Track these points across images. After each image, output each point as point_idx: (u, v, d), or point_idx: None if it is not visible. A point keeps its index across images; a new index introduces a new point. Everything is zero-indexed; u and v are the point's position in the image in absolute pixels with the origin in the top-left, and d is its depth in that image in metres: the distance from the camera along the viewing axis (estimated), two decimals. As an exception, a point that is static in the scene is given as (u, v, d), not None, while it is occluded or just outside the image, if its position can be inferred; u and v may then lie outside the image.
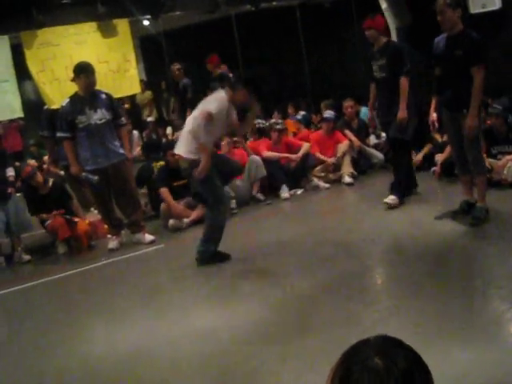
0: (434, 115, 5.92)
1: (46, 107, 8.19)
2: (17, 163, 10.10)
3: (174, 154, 7.33)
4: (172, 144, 7.91)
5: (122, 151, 6.67)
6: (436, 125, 6.13)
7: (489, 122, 7.32)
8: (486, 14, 10.60)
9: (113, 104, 6.70)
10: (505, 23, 10.69)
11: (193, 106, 10.04)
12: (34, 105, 10.68)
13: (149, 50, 12.51)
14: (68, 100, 6.54)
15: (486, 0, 10.58)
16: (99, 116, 6.47)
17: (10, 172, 7.20)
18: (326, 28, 12.35)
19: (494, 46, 10.87)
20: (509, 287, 4.09)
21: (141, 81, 11.51)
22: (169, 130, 11.73)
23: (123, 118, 6.83)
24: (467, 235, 5.43)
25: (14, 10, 8.24)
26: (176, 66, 10.59)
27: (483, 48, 5.34)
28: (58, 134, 6.66)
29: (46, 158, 11.10)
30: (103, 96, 6.60)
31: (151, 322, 4.49)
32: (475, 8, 10.70)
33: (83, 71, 6.46)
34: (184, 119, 9.48)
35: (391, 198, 6.52)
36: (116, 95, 7.24)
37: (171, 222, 7.18)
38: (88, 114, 6.42)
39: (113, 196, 6.78)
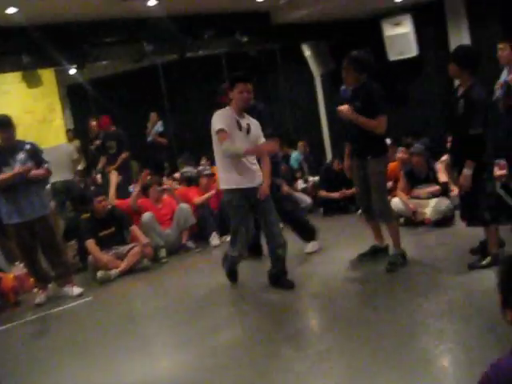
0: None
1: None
2: None
3: (101, 201, 7.33)
4: (99, 191, 7.88)
5: (45, 204, 6.57)
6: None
7: (412, 161, 7.60)
8: (404, 61, 11.09)
9: (36, 153, 6.52)
10: (422, 69, 11.20)
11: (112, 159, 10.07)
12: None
13: (76, 98, 12.44)
14: None
15: (403, 48, 11.07)
16: (21, 167, 6.31)
17: None
18: (251, 76, 12.59)
19: (413, 90, 11.38)
20: (434, 325, 4.22)
21: (68, 130, 11.42)
22: (99, 177, 11.60)
23: (47, 165, 6.61)
24: (390, 277, 5.57)
25: None
26: (93, 122, 10.56)
27: (381, 99, 5.56)
28: None
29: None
30: (27, 147, 6.46)
31: (80, 379, 4.38)
32: (393, 55, 11.18)
33: (1, 127, 6.31)
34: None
35: (310, 246, 6.70)
36: (42, 146, 7.13)
37: (99, 273, 7.07)
38: (12, 166, 6.29)
39: (39, 249, 6.64)
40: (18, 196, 6.32)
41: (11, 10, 7.28)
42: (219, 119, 5.26)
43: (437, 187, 7.37)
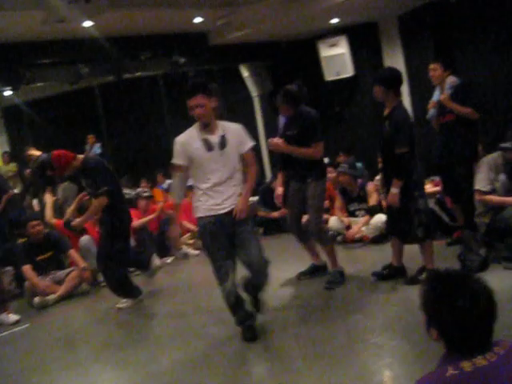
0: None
1: None
2: None
3: (35, 226, 7.19)
4: (33, 215, 7.73)
5: None
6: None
7: (339, 180, 7.76)
8: (340, 81, 11.31)
9: None
10: (357, 88, 11.44)
11: (52, 183, 9.92)
12: None
13: (12, 120, 12.22)
14: None
15: (340, 68, 11.29)
16: None
17: None
18: (204, 86, 12.59)
19: (349, 110, 11.62)
20: (372, 340, 4.29)
21: (5, 152, 11.18)
22: (35, 201, 11.37)
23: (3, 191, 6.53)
24: (328, 295, 5.64)
25: None
26: (31, 149, 10.39)
27: (317, 125, 5.67)
28: None
29: None
30: None
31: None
32: (330, 76, 11.40)
33: None
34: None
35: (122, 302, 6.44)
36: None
37: (36, 299, 6.90)
38: None
39: None
40: None
41: None
42: (175, 149, 4.52)
43: (366, 218, 7.50)
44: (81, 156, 6.11)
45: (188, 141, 4.51)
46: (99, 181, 5.90)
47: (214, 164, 4.44)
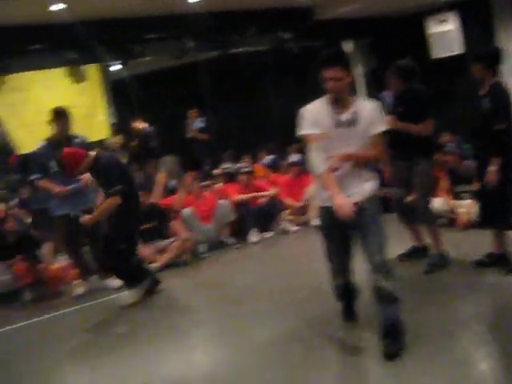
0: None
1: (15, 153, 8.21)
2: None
3: (141, 197, 7.39)
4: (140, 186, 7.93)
5: (93, 198, 6.67)
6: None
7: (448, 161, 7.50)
8: (448, 59, 10.93)
9: (87, 149, 6.67)
10: (467, 67, 10.99)
11: (156, 155, 10.20)
12: (3, 149, 10.64)
13: (119, 94, 12.58)
14: (42, 143, 6.56)
15: (448, 45, 10.92)
16: None
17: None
18: (294, 73, 12.57)
19: (457, 88, 11.19)
20: (472, 328, 4.18)
21: (113, 124, 11.54)
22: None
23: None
24: (427, 278, 5.50)
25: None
26: (137, 121, 10.69)
27: (430, 102, 5.57)
28: (32, 177, 6.65)
29: (13, 202, 11.02)
30: (78, 140, 6.60)
31: (119, 371, 4.44)
32: (437, 53, 11.04)
33: (58, 116, 6.48)
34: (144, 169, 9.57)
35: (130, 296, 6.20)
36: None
37: (141, 266, 7.14)
38: None
39: (85, 241, 6.75)
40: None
41: (57, 7, 7.41)
42: (304, 118, 3.97)
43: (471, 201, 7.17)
44: (92, 153, 5.90)
45: (317, 110, 3.97)
46: (112, 179, 5.71)
47: (337, 142, 3.86)
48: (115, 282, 6.73)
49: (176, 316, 5.55)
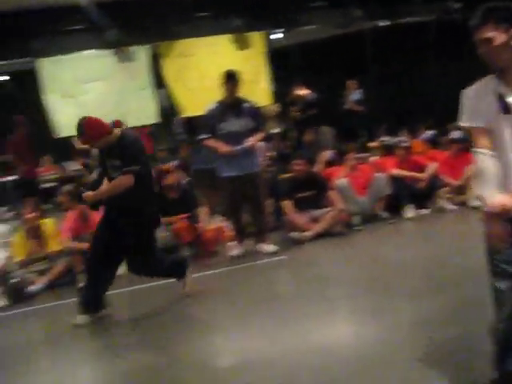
0: None
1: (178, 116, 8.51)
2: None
3: (299, 165, 7.44)
4: (302, 155, 7.96)
5: (257, 163, 6.81)
6: None
7: None
8: None
9: (256, 114, 6.83)
10: None
11: (316, 122, 10.19)
12: (166, 112, 11.10)
13: (279, 62, 12.67)
14: (213, 105, 6.74)
15: None
16: (240, 124, 6.61)
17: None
18: (461, 46, 11.97)
19: None
20: None
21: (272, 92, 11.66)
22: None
23: (264, 128, 6.88)
24: None
25: (154, 21, 8.63)
26: (299, 88, 10.69)
27: None
28: (200, 137, 6.86)
29: (173, 163, 11.48)
30: (247, 105, 6.74)
31: (270, 333, 4.49)
32: None
33: (230, 79, 6.62)
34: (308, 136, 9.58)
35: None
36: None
37: (293, 234, 7.23)
38: (229, 122, 6.60)
39: (243, 204, 6.89)
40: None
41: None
42: (462, 105, 2.97)
43: None
44: (117, 131, 5.17)
45: (478, 94, 2.93)
46: (130, 159, 5.02)
47: (509, 133, 2.83)
48: (269, 247, 6.85)
49: (326, 288, 5.51)
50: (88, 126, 5.01)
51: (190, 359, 4.26)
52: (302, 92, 10.64)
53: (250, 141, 6.60)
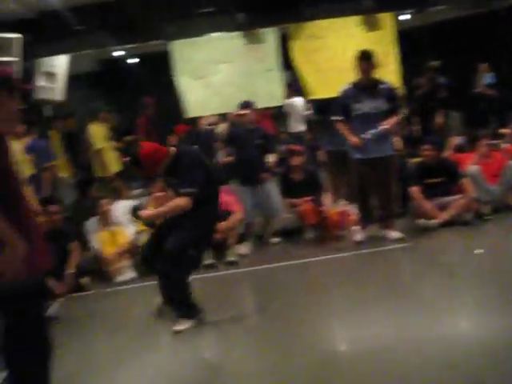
0: None
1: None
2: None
3: (428, 150, 7.24)
4: (429, 140, 7.75)
5: (392, 146, 6.70)
6: None
7: None
8: None
9: (393, 95, 6.68)
10: None
11: (445, 106, 9.85)
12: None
13: (407, 44, 12.35)
14: (347, 86, 6.68)
15: None
16: (375, 106, 6.51)
17: (271, 158, 7.56)
18: None
19: None
20: None
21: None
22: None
23: (401, 110, 6.78)
24: None
25: (284, 3, 8.65)
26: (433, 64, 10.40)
27: None
28: (333, 118, 6.81)
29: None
30: (384, 86, 6.63)
31: (394, 320, 4.44)
32: None
33: (365, 59, 6.51)
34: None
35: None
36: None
37: (420, 221, 7.07)
38: (364, 103, 6.51)
39: (373, 188, 6.79)
40: (365, 132, 6.52)
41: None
42: None
43: None
44: (173, 149, 4.93)
45: None
46: (186, 179, 4.74)
47: None
48: (394, 233, 6.75)
49: (451, 277, 5.31)
50: (145, 159, 4.75)
51: (311, 343, 4.27)
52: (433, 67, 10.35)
53: (386, 124, 6.48)
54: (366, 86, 6.54)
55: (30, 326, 3.05)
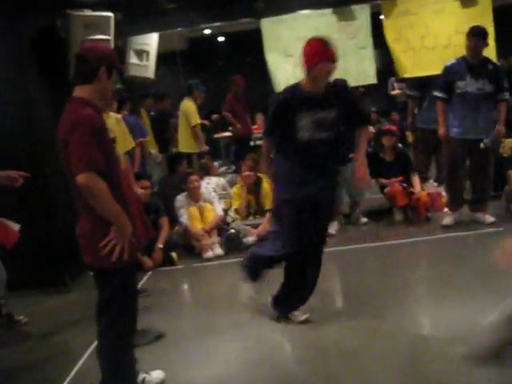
0: None
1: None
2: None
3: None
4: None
5: (490, 130, 6.41)
6: None
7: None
8: None
9: (498, 76, 6.39)
10: None
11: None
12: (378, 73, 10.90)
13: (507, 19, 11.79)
14: (453, 61, 6.47)
15: None
16: (479, 86, 6.27)
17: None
18: None
19: None
20: None
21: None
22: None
23: (506, 93, 6.47)
24: None
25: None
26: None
27: None
28: (435, 93, 6.60)
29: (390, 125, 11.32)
30: (490, 66, 6.38)
31: (486, 304, 4.28)
32: None
33: (475, 36, 6.28)
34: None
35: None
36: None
37: (512, 205, 6.81)
38: (468, 82, 6.26)
39: (468, 170, 6.61)
40: (465, 113, 6.33)
41: None
42: None
43: None
44: None
45: None
46: None
47: None
48: (487, 217, 6.53)
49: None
50: None
51: (401, 326, 4.22)
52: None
53: (499, 126, 6.32)
54: (474, 64, 6.29)
55: (122, 297, 3.19)
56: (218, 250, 6.85)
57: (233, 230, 6.98)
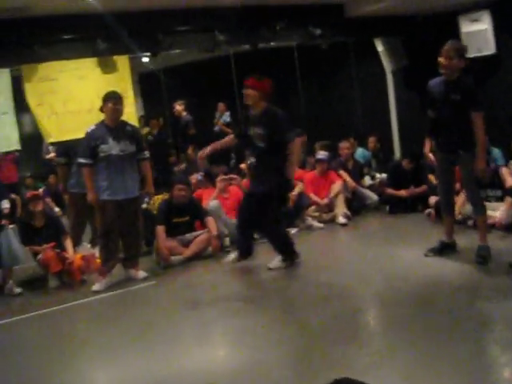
0: (430, 156, 6.18)
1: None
2: (13, 195, 10.09)
3: (181, 189, 7.41)
4: (181, 179, 7.95)
5: (137, 188, 6.68)
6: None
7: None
8: (480, 58, 10.75)
9: (137, 137, 6.70)
10: (499, 67, 10.81)
11: (194, 142, 10.24)
12: (30, 137, 10.71)
13: (148, 86, 12.59)
14: (93, 127, 6.53)
15: (480, 45, 10.72)
16: (121, 147, 6.45)
17: (5, 204, 7.15)
18: (322, 69, 12.48)
19: (491, 89, 10.98)
20: (501, 330, 4.12)
21: (141, 116, 11.57)
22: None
23: (146, 152, 6.80)
24: (459, 276, 5.46)
25: (17, 43, 8.30)
26: (178, 103, 10.78)
27: (479, 95, 5.53)
28: (79, 160, 6.59)
29: (41, 190, 11.12)
30: (128, 128, 6.62)
31: (141, 360, 4.41)
32: (470, 52, 10.82)
33: (111, 99, 6.46)
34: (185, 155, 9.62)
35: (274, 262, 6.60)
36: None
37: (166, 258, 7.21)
38: (110, 144, 6.40)
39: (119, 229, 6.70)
40: (112, 174, 6.44)
41: (89, -3, 7.44)
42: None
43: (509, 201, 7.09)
44: None
45: None
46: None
47: None
48: (140, 273, 6.76)
49: (197, 309, 5.51)
50: None
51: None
52: (181, 107, 10.75)
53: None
54: (113, 127, 6.49)
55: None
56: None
57: None
